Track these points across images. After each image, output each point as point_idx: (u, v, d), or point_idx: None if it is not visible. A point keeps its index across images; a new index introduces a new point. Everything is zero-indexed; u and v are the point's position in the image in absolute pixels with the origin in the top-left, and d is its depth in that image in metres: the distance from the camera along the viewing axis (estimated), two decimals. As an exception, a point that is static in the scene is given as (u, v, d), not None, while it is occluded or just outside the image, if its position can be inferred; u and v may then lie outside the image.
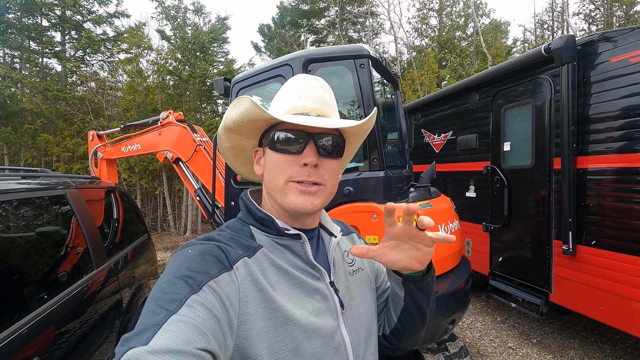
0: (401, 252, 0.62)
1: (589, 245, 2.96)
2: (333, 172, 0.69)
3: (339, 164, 0.72)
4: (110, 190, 3.05)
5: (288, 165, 0.65)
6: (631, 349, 3.41)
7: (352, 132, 0.73)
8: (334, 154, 0.69)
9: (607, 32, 2.84)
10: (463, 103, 4.55)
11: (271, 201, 0.71)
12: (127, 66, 11.60)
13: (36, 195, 1.93)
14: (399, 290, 0.74)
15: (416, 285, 0.71)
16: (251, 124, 0.69)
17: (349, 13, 16.68)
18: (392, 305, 0.81)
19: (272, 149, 0.67)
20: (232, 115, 0.68)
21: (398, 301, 0.77)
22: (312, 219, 0.73)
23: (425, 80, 11.69)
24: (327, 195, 0.68)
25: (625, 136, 2.71)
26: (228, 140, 0.75)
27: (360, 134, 0.77)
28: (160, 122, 4.45)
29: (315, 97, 0.70)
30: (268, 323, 0.57)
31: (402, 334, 0.82)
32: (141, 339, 0.43)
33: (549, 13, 15.70)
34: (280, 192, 0.66)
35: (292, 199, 0.65)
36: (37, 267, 1.73)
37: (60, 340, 1.65)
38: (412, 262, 0.62)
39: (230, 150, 0.78)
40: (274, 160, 0.67)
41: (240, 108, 0.65)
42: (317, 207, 0.66)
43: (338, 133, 0.71)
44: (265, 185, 0.71)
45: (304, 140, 0.65)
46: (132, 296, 2.69)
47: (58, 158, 11.03)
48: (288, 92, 0.72)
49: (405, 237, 0.60)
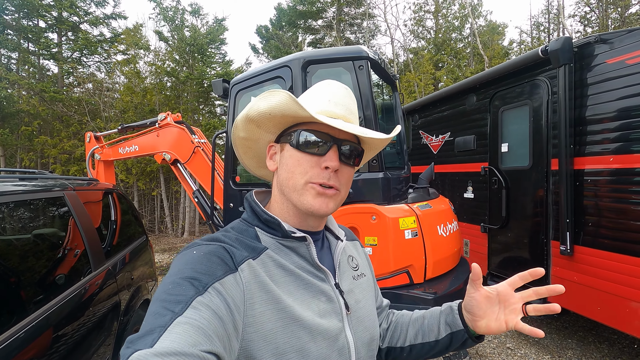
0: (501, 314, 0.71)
1: (586, 245, 2.98)
2: (348, 179, 0.70)
3: (353, 172, 0.73)
4: (108, 192, 3.03)
5: (310, 166, 0.65)
6: (628, 349, 3.42)
7: (372, 144, 0.75)
8: (352, 162, 0.70)
9: (603, 34, 2.87)
10: (461, 104, 4.57)
11: (283, 199, 0.70)
12: (124, 67, 11.57)
13: (34, 197, 1.92)
14: (443, 330, 0.78)
15: (469, 342, 0.76)
16: (279, 119, 0.68)
17: (346, 14, 16.73)
18: (411, 332, 0.84)
19: (296, 147, 0.67)
20: (260, 107, 0.66)
21: (428, 334, 0.81)
22: (319, 221, 0.74)
23: (421, 82, 11.73)
24: (340, 201, 0.69)
25: (622, 137, 2.74)
26: (244, 131, 0.74)
27: (378, 147, 0.78)
28: (158, 124, 4.44)
29: (344, 104, 0.71)
30: (276, 324, 0.57)
31: (398, 356, 0.85)
32: (146, 341, 0.43)
33: (545, 15, 15.82)
34: (297, 192, 0.66)
35: (309, 199, 0.65)
36: (34, 269, 1.71)
37: (58, 343, 1.64)
38: (502, 325, 0.70)
39: (243, 141, 0.77)
40: (296, 159, 0.67)
41: (273, 101, 0.64)
42: (331, 210, 0.67)
43: (357, 141, 0.72)
44: (280, 182, 0.70)
45: (329, 144, 0.66)
46: (131, 298, 2.67)
47: (55, 160, 10.97)
48: (318, 95, 0.71)
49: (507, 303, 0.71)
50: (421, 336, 0.81)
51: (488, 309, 0.71)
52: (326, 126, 0.65)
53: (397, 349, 0.85)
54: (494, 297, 0.70)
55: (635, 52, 2.62)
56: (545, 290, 0.66)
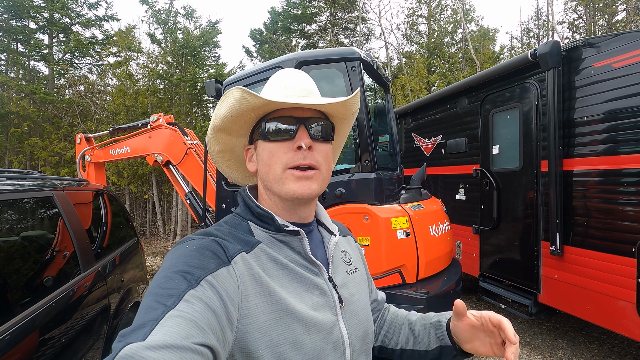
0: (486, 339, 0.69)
1: (576, 246, 3.02)
2: (326, 155, 0.70)
3: (331, 148, 0.73)
4: (98, 193, 3.00)
5: (283, 152, 0.66)
6: (617, 348, 3.47)
7: (339, 115, 0.75)
8: (325, 137, 0.70)
9: (590, 38, 2.93)
10: (452, 107, 4.62)
11: (269, 194, 0.71)
12: (116, 69, 11.47)
13: (22, 197, 1.89)
14: (433, 342, 0.78)
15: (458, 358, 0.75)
16: (241, 118, 0.69)
17: (339, 18, 16.83)
18: (403, 335, 0.84)
19: (265, 139, 0.68)
20: (221, 112, 0.68)
21: (419, 343, 0.81)
22: (309, 209, 0.74)
23: (415, 86, 11.83)
24: (323, 180, 0.69)
25: (609, 139, 2.79)
26: (217, 144, 0.75)
27: (348, 117, 0.78)
28: (150, 125, 4.41)
29: (300, 86, 0.71)
30: (269, 316, 0.57)
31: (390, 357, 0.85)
32: (138, 335, 0.43)
33: (534, 21, 16.10)
34: (277, 182, 0.67)
35: (290, 185, 0.66)
36: (21, 270, 1.68)
37: (45, 346, 1.60)
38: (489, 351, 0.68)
39: (221, 154, 0.78)
40: (268, 150, 0.68)
41: (229, 102, 0.66)
42: (315, 192, 0.67)
43: (324, 116, 0.72)
44: (261, 178, 0.71)
45: (295, 125, 0.67)
46: (121, 301, 2.64)
47: (45, 162, 10.81)
48: (273, 85, 0.73)
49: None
50: (412, 342, 0.81)
51: (473, 336, 0.69)
52: (288, 110, 0.67)
53: (389, 349, 0.85)
54: (478, 326, 0.68)
55: (621, 56, 2.68)
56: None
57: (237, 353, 0.53)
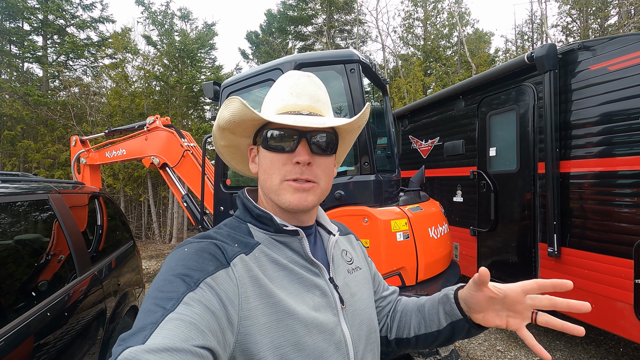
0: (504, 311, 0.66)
1: (573, 247, 3.03)
2: (326, 169, 0.69)
3: (333, 161, 0.73)
4: (94, 195, 2.96)
5: (281, 163, 0.66)
6: (614, 349, 3.48)
7: (345, 128, 0.74)
8: (327, 151, 0.69)
9: (586, 42, 2.96)
10: (449, 110, 4.64)
11: (267, 199, 0.72)
12: (112, 71, 11.40)
13: (17, 199, 1.86)
14: (443, 319, 0.75)
15: (473, 331, 0.73)
16: (243, 125, 0.70)
17: (336, 21, 16.88)
18: (414, 321, 0.82)
19: (266, 147, 0.68)
20: (225, 115, 0.68)
21: (430, 324, 0.78)
22: (308, 215, 0.73)
23: (411, 88, 11.89)
24: (321, 193, 0.69)
25: (605, 141, 2.81)
26: (223, 139, 0.76)
27: (354, 129, 0.77)
28: (146, 127, 4.37)
29: (308, 94, 0.70)
30: (269, 318, 0.57)
31: (408, 346, 0.83)
32: (138, 338, 0.43)
33: (529, 25, 16.27)
34: (274, 192, 0.67)
35: (287, 197, 0.65)
36: (15, 274, 1.65)
37: (40, 352, 1.57)
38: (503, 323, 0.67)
39: (226, 149, 0.78)
40: (268, 159, 0.67)
41: (231, 108, 0.66)
42: (311, 204, 0.67)
43: (331, 130, 0.71)
44: (261, 184, 0.71)
45: (296, 138, 0.66)
46: (117, 305, 2.60)
47: (39, 165, 10.69)
48: (280, 90, 0.72)
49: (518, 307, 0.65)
50: (424, 326, 0.79)
51: (488, 307, 0.67)
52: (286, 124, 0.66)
53: (404, 340, 0.83)
54: (498, 299, 0.65)
55: (617, 59, 2.71)
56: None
57: (238, 355, 0.53)
